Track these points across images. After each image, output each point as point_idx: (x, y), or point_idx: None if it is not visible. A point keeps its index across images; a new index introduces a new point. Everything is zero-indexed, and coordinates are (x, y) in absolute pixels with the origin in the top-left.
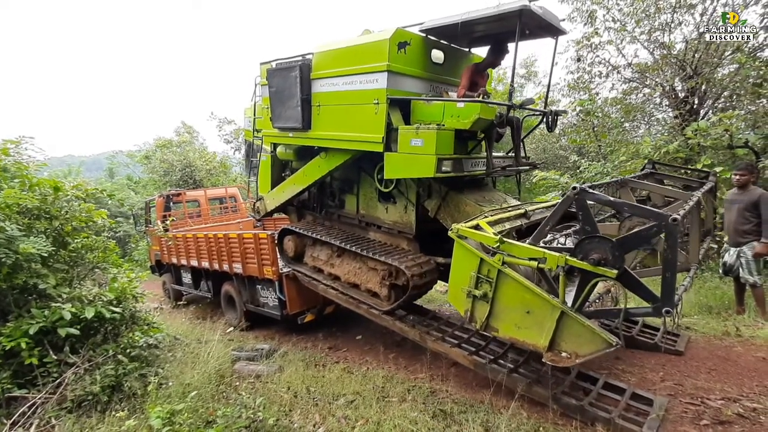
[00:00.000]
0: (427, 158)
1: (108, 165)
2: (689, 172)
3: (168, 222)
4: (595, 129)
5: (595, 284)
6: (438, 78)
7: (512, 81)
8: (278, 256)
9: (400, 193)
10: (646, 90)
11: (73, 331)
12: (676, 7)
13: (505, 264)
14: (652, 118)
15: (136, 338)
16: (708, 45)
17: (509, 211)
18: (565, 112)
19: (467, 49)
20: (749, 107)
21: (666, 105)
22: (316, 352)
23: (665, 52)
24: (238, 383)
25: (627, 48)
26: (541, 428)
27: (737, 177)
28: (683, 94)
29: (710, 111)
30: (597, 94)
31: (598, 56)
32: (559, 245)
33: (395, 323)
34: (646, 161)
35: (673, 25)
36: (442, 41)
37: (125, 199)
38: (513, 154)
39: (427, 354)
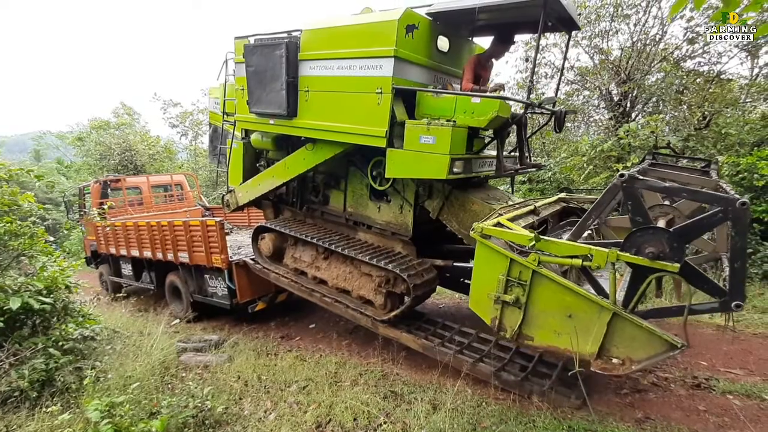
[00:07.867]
0: (438, 158)
1: (34, 146)
2: (689, 161)
3: (105, 208)
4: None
5: (651, 281)
6: (442, 68)
7: (532, 78)
8: (226, 245)
9: (396, 191)
10: (586, 92)
11: None
12: (613, 15)
13: (541, 264)
14: (590, 119)
15: (70, 330)
16: (640, 53)
17: (519, 208)
18: (574, 112)
19: (470, 38)
20: (672, 112)
21: (602, 107)
22: (267, 341)
23: (603, 57)
24: (184, 374)
25: (570, 51)
26: (483, 403)
27: None
28: (617, 98)
29: (640, 114)
30: (543, 93)
31: (544, 57)
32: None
33: (347, 311)
34: (646, 153)
35: (611, 33)
36: (446, 27)
37: (56, 183)
38: (515, 154)
39: (379, 340)
